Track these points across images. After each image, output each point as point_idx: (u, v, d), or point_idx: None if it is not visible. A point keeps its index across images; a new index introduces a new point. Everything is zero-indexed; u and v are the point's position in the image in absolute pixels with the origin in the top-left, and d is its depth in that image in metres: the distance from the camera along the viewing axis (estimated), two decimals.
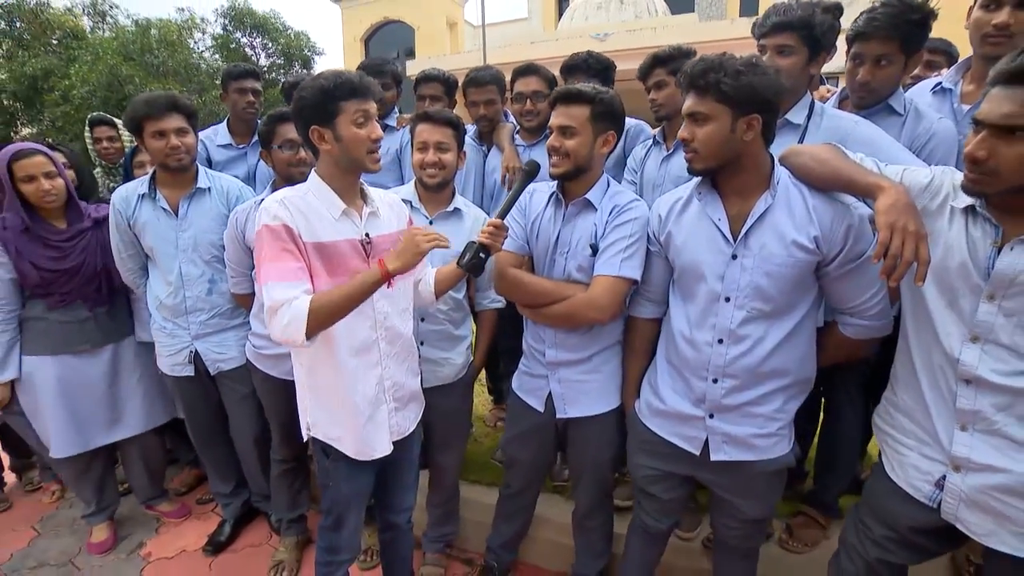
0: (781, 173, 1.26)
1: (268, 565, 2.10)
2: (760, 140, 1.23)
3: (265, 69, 13.08)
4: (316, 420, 1.41)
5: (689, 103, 1.23)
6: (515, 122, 2.27)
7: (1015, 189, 0.96)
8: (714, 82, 1.17)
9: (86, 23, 12.54)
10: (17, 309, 2.00)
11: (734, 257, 1.26)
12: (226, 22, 12.95)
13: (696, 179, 1.35)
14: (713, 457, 1.34)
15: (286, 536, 2.18)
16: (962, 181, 1.02)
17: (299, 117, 1.30)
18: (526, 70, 2.09)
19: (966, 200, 1.05)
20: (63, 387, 2.03)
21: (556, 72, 2.19)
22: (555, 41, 10.71)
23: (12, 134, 11.66)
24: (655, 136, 1.89)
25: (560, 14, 13.63)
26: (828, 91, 1.91)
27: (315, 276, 1.29)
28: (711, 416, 1.33)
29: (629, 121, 2.06)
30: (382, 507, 1.68)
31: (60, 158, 2.37)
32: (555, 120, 1.44)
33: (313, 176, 1.35)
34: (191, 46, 12.44)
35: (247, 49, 13.37)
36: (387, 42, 15.81)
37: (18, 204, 1.91)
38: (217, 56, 13.05)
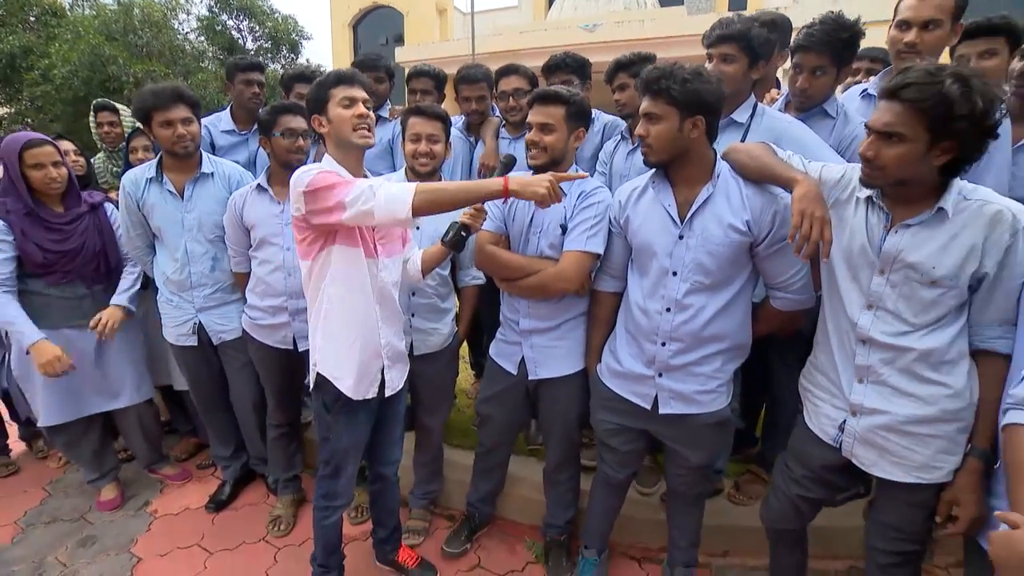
0: (723, 167, 1.47)
1: (266, 520, 2.29)
2: (704, 138, 1.43)
3: (252, 53, 12.93)
4: (324, 358, 1.58)
5: (645, 105, 1.43)
6: (501, 116, 2.45)
7: (898, 182, 1.18)
8: (665, 87, 1.37)
9: (65, 0, 12.27)
10: (14, 287, 2.07)
11: (681, 237, 1.46)
12: (212, 4, 12.74)
13: (652, 170, 1.55)
14: (662, 411, 1.57)
15: (282, 495, 2.36)
16: (860, 175, 1.24)
17: (307, 111, 1.54)
18: (508, 70, 2.28)
19: (867, 191, 1.27)
20: None
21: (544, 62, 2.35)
22: (544, 31, 10.75)
23: None
24: (622, 132, 2.09)
25: (550, 3, 13.65)
26: (778, 93, 2.11)
27: (337, 239, 1.48)
28: (660, 375, 1.55)
29: (606, 117, 2.26)
30: (373, 460, 1.87)
31: (68, 146, 2.53)
32: (533, 118, 1.63)
33: (327, 157, 1.54)
34: (175, 27, 12.23)
35: (233, 32, 13.17)
36: (376, 28, 15.67)
37: (24, 189, 2.02)
38: (202, 38, 12.85)
